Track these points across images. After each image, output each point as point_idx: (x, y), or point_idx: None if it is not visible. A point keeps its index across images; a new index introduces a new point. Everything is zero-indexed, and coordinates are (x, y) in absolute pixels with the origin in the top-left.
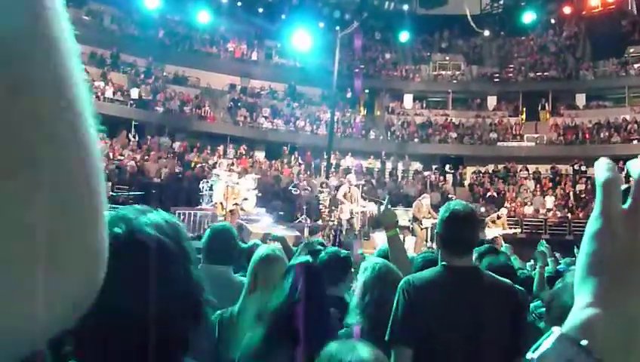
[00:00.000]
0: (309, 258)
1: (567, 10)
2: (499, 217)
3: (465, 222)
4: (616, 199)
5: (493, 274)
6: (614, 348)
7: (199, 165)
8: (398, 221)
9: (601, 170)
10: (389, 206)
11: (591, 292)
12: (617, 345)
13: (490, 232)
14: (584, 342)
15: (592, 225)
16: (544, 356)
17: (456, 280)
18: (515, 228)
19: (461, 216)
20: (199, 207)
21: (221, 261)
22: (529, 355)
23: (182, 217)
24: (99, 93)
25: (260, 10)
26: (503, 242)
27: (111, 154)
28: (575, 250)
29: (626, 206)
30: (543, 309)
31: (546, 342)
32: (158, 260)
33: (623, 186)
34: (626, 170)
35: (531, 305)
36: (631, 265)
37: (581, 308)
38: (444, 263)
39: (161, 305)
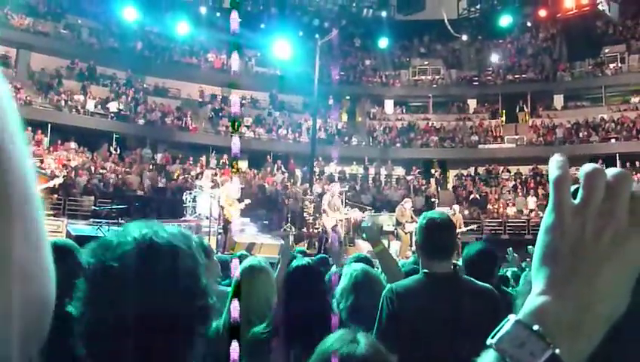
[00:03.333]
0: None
1: (542, 12)
2: (454, 213)
3: (442, 229)
4: (567, 195)
5: (472, 279)
6: (563, 332)
7: (182, 176)
8: (383, 228)
9: (553, 168)
10: (371, 223)
11: (544, 281)
12: (566, 330)
13: None
14: (536, 327)
15: (546, 219)
16: (501, 340)
17: (437, 287)
18: (476, 223)
19: (437, 224)
20: (183, 218)
21: None
22: (489, 341)
23: None
24: (79, 107)
25: (240, 20)
26: (459, 243)
27: (92, 168)
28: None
29: (576, 202)
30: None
31: (503, 328)
32: (173, 259)
33: (575, 186)
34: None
35: None
36: (579, 257)
37: (535, 296)
38: (425, 271)
39: (173, 300)
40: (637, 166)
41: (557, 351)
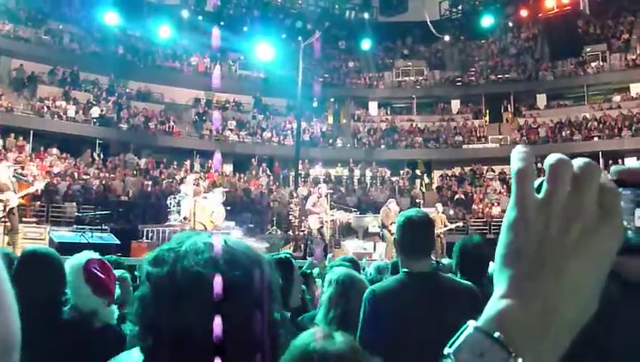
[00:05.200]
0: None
1: (524, 12)
2: (437, 212)
3: (420, 227)
4: (530, 189)
5: (452, 277)
6: (527, 339)
7: (166, 181)
8: (368, 230)
9: (515, 159)
10: None
11: (506, 283)
12: (530, 336)
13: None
14: (497, 335)
15: (508, 215)
16: (459, 350)
17: (418, 285)
18: (458, 221)
19: (416, 222)
20: (167, 223)
21: None
22: (446, 350)
23: (150, 234)
24: (61, 113)
25: (222, 23)
26: (444, 241)
27: (75, 174)
28: None
29: (540, 196)
30: None
31: (462, 336)
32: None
33: (540, 180)
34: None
35: None
36: (544, 255)
37: (496, 300)
38: (404, 270)
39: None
40: (619, 164)
41: (520, 360)
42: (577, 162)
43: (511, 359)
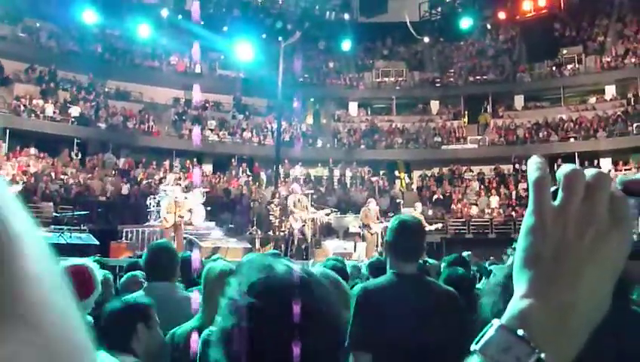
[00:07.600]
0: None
1: (502, 15)
2: (416, 211)
3: (412, 231)
4: (547, 197)
5: (435, 281)
6: (548, 335)
7: (145, 181)
8: (348, 230)
9: (532, 169)
10: None
11: (526, 284)
12: (550, 333)
13: None
14: (521, 332)
15: (526, 221)
16: (485, 346)
17: (406, 286)
18: (439, 222)
19: (409, 226)
20: (147, 223)
21: (163, 277)
22: (473, 347)
23: (129, 235)
24: (38, 112)
25: (202, 22)
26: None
27: (53, 174)
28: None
29: (556, 203)
30: None
31: (487, 333)
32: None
33: (554, 187)
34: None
35: None
36: (561, 259)
37: (518, 299)
38: (393, 271)
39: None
40: (595, 164)
41: (542, 355)
42: (590, 172)
43: (534, 354)
